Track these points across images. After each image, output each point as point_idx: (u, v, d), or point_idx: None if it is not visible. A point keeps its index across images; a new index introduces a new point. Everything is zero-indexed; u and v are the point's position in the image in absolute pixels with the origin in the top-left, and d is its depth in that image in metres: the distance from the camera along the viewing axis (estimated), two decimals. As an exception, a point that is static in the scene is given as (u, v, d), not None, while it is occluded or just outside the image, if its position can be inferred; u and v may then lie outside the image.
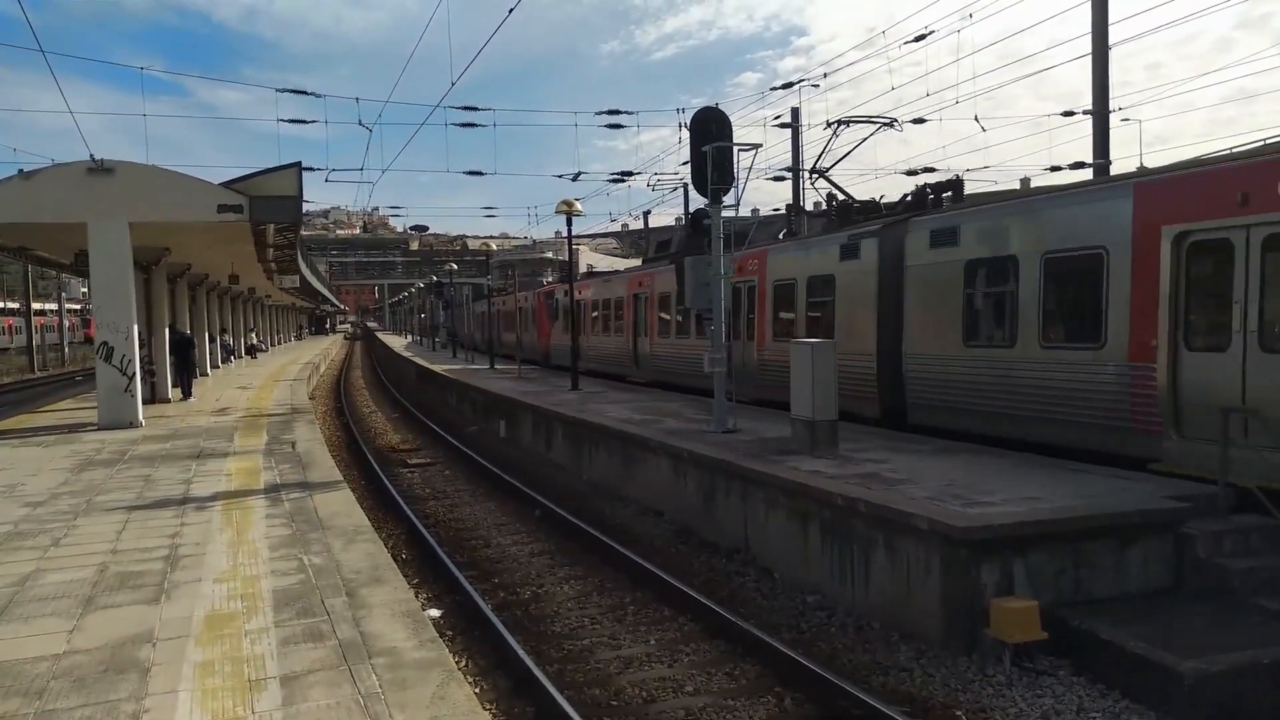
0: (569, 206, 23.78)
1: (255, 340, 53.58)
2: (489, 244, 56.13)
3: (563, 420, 19.12)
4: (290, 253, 31.11)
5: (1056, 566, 8.41)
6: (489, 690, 7.79)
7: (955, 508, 8.74)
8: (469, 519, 14.64)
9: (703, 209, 15.15)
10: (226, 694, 5.32)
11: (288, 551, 8.57)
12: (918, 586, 8.61)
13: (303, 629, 6.40)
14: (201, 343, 33.44)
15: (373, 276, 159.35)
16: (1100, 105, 20.67)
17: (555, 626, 9.45)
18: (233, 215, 18.57)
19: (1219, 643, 7.37)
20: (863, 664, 8.18)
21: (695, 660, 8.41)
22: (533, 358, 38.91)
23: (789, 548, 10.71)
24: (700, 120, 14.74)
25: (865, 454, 12.09)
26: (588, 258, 69.49)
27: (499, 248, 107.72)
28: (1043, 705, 7.20)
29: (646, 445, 14.72)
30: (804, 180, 32.56)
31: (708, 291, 14.82)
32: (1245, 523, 8.86)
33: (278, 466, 13.53)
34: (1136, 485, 9.69)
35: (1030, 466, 11.00)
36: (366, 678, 5.48)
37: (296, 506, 10.65)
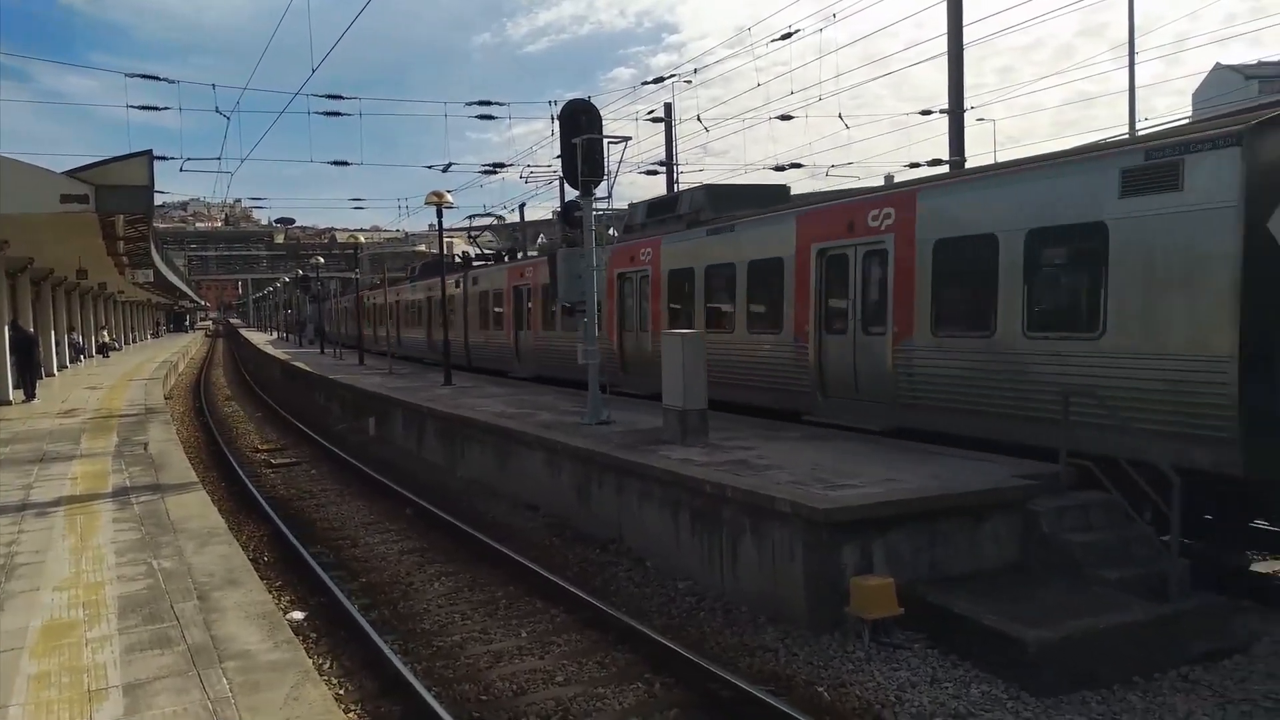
0: (439, 198, 23.40)
1: (108, 338, 50.79)
2: (358, 237, 54.60)
3: (435, 416, 18.81)
4: (143, 245, 29.54)
5: (913, 545, 8.76)
6: (354, 691, 7.60)
7: (818, 491, 8.99)
8: (336, 518, 14.25)
9: (574, 200, 15.13)
10: (63, 706, 5.04)
11: (136, 556, 8.17)
12: (783, 569, 8.82)
13: (150, 635, 6.10)
14: (47, 341, 31.49)
15: (235, 271, 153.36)
16: (956, 105, 21.55)
17: (425, 624, 9.29)
18: (77, 206, 17.48)
19: (1062, 612, 7.81)
20: (731, 646, 8.34)
21: (567, 651, 8.40)
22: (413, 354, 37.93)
23: (661, 536, 10.82)
24: (570, 113, 14.71)
25: (735, 442, 12.31)
26: (465, 250, 68.54)
27: (369, 241, 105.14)
28: (899, 678, 7.49)
29: (521, 439, 14.62)
30: (677, 173, 32.98)
31: (581, 284, 14.81)
32: (1086, 499, 9.40)
33: (128, 469, 12.87)
34: (987, 466, 10.18)
35: (892, 451, 11.41)
36: (217, 682, 5.27)
37: (147, 510, 10.15)
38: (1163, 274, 9.37)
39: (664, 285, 18.28)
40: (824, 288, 13.91)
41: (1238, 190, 8.68)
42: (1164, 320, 9.36)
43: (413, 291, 39.31)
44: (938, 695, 7.19)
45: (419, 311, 37.64)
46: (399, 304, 41.29)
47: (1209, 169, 8.93)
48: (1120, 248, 9.72)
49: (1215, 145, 8.92)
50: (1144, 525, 9.00)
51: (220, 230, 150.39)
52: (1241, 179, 8.65)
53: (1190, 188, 9.07)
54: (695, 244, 17.32)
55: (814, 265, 13.97)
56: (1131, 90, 24.54)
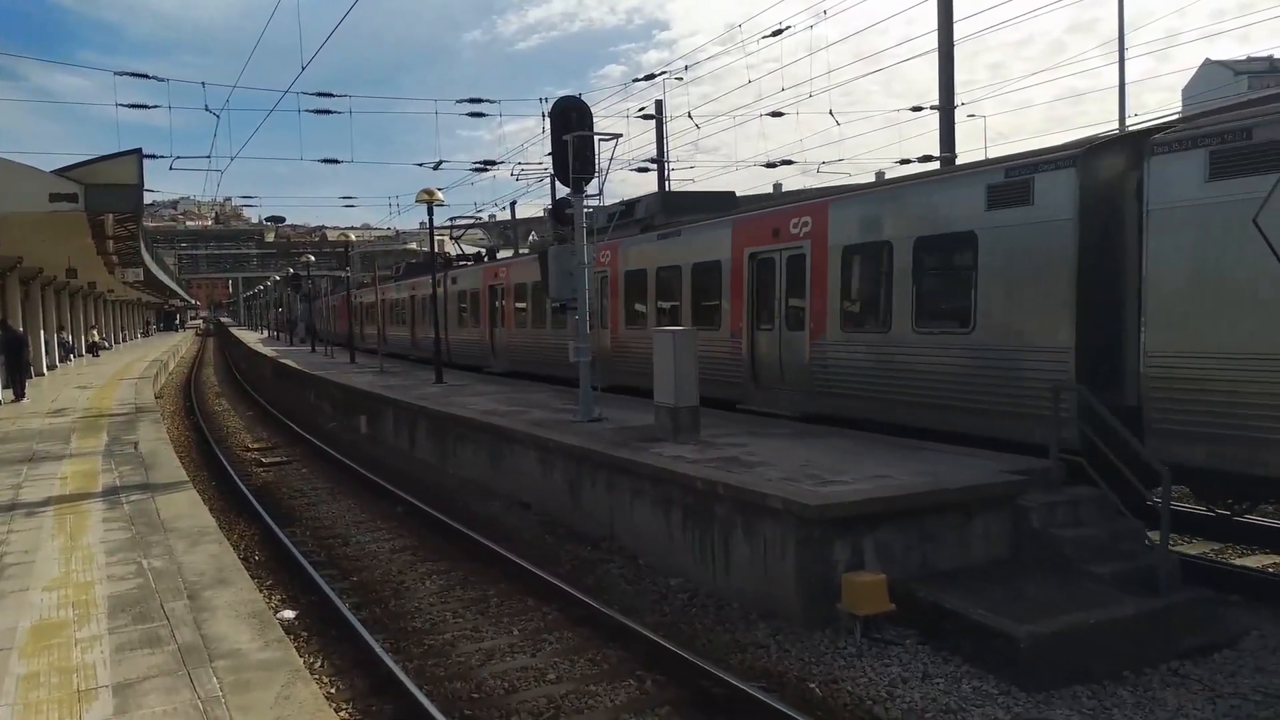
0: (430, 196, 23.33)
1: (97, 338, 50.60)
2: (348, 235, 54.44)
3: (427, 414, 18.77)
4: (133, 244, 29.46)
5: (904, 541, 8.77)
6: (346, 690, 7.58)
7: (809, 488, 9.00)
8: (328, 517, 14.21)
9: (565, 198, 15.11)
10: (52, 706, 5.02)
11: (126, 556, 8.14)
12: (774, 565, 8.83)
13: (139, 635, 6.08)
14: (36, 341, 31.36)
15: (226, 269, 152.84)
16: (946, 101, 21.61)
17: (416, 622, 9.27)
18: (66, 205, 17.42)
19: (1052, 607, 7.83)
20: (722, 643, 8.34)
21: (559, 649, 8.40)
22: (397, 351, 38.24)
23: (653, 533, 10.82)
24: (561, 110, 14.66)
25: (726, 439, 12.31)
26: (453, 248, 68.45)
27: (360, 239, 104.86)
28: (890, 673, 7.50)
29: (512, 437, 14.60)
30: (668, 171, 32.97)
31: (572, 281, 14.79)
32: (1076, 494, 9.44)
33: (118, 468, 12.83)
34: (977, 462, 10.20)
35: (881, 447, 11.43)
36: (207, 681, 5.26)
37: (137, 509, 10.12)
38: (1019, 276, 10.73)
39: (621, 285, 19.53)
40: (755, 288, 15.34)
41: (1074, 205, 10.12)
42: (1020, 316, 10.72)
43: (397, 291, 40.35)
44: (929, 691, 7.20)
45: (404, 310, 38.67)
46: (384, 303, 41.86)
47: (1052, 186, 10.38)
48: (987, 253, 11.12)
49: (1057, 166, 10.36)
50: (1133, 520, 9.04)
51: (210, 229, 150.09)
52: (1076, 195, 10.10)
53: (1039, 202, 10.51)
54: (647, 247, 18.47)
55: (746, 268, 15.41)
56: (1121, 86, 24.64)
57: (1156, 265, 9.52)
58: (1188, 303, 9.30)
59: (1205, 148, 9.17)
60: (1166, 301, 9.45)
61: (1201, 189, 9.11)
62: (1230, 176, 8.90)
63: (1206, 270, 9.12)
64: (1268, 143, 8.59)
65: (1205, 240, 9.13)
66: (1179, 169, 9.33)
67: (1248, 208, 8.68)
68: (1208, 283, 9.11)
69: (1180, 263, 9.35)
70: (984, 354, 11.08)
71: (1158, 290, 9.51)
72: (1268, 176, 8.59)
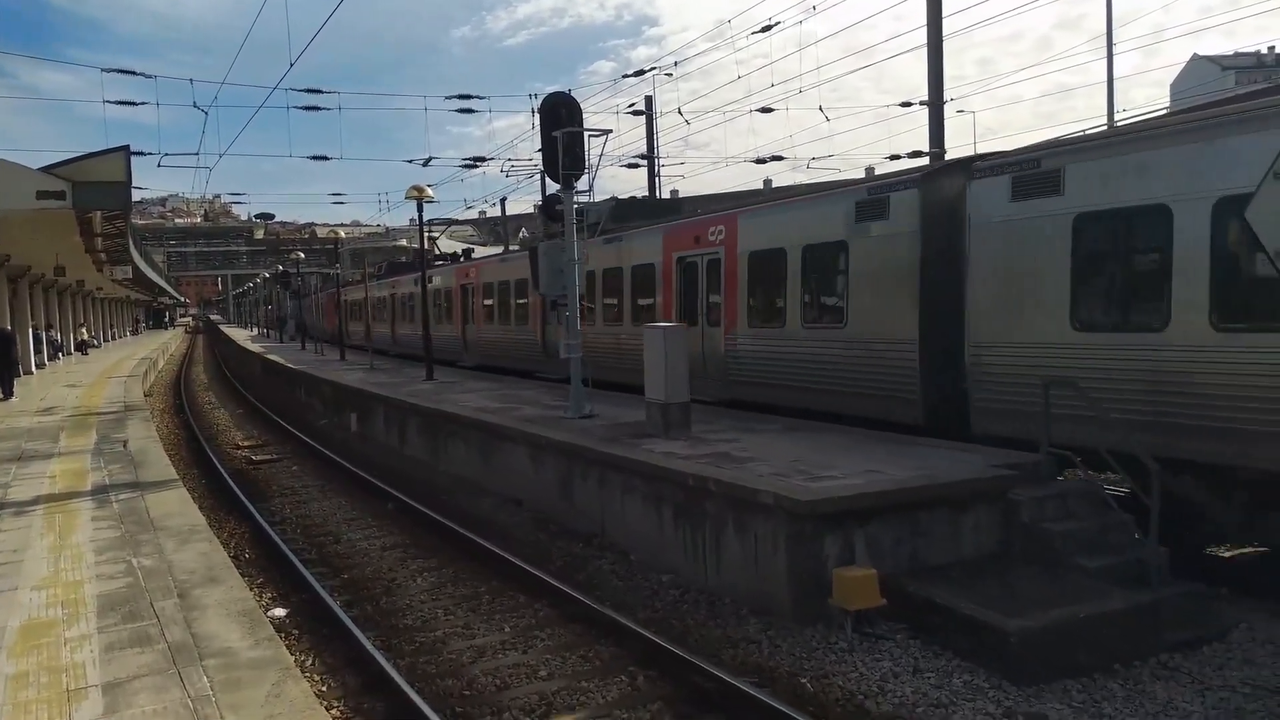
0: (420, 192, 23.28)
1: (86, 336, 50.35)
2: (338, 232, 54.23)
3: (418, 411, 18.74)
4: (121, 242, 29.34)
5: (894, 536, 8.80)
6: (337, 688, 7.57)
7: (799, 483, 9.01)
8: (318, 515, 14.18)
9: (555, 194, 15.09)
10: (41, 706, 4.99)
11: (116, 554, 8.11)
12: (766, 561, 8.85)
13: (129, 634, 6.06)
14: (24, 339, 31.20)
15: (215, 267, 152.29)
16: (935, 97, 21.61)
17: (408, 620, 9.26)
18: (54, 202, 17.34)
19: (1042, 601, 7.86)
20: (714, 639, 8.35)
21: (550, 645, 8.40)
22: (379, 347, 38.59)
23: (645, 529, 10.82)
24: (550, 106, 14.65)
25: (717, 434, 12.33)
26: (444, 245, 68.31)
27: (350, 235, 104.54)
28: (881, 668, 7.53)
29: (504, 434, 14.58)
30: (658, 167, 32.97)
31: (562, 278, 14.77)
32: (1065, 488, 9.49)
33: (107, 467, 12.78)
34: (966, 457, 10.23)
35: (872, 442, 11.46)
36: (197, 680, 5.24)
37: (127, 507, 10.08)
38: (879, 279, 12.50)
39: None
40: (682, 288, 17.03)
41: (918, 219, 11.96)
42: (880, 313, 12.48)
43: (379, 289, 42.04)
44: (920, 685, 7.22)
45: (385, 308, 40.42)
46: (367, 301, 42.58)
47: (902, 203, 12.22)
48: (855, 260, 12.95)
49: (906, 186, 12.33)
50: (1122, 514, 9.08)
51: (199, 226, 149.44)
52: (919, 211, 11.95)
53: (893, 217, 12.33)
54: (596, 251, 19.43)
55: (675, 271, 17.13)
56: (1110, 82, 24.72)
57: (975, 270, 11.23)
58: (998, 301, 10.99)
59: (1009, 174, 10.86)
60: (983, 300, 11.15)
61: (1006, 208, 10.87)
62: (1027, 197, 10.64)
63: (1010, 274, 10.82)
64: (1052, 170, 10.38)
65: (1009, 250, 10.84)
66: (991, 191, 11.06)
67: (1039, 222, 10.48)
68: (1011, 285, 10.82)
69: (992, 268, 11.05)
70: (855, 346, 12.86)
71: (976, 291, 11.21)
72: (1053, 198, 10.33)
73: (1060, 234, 10.27)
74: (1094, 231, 10.11)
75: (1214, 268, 8.92)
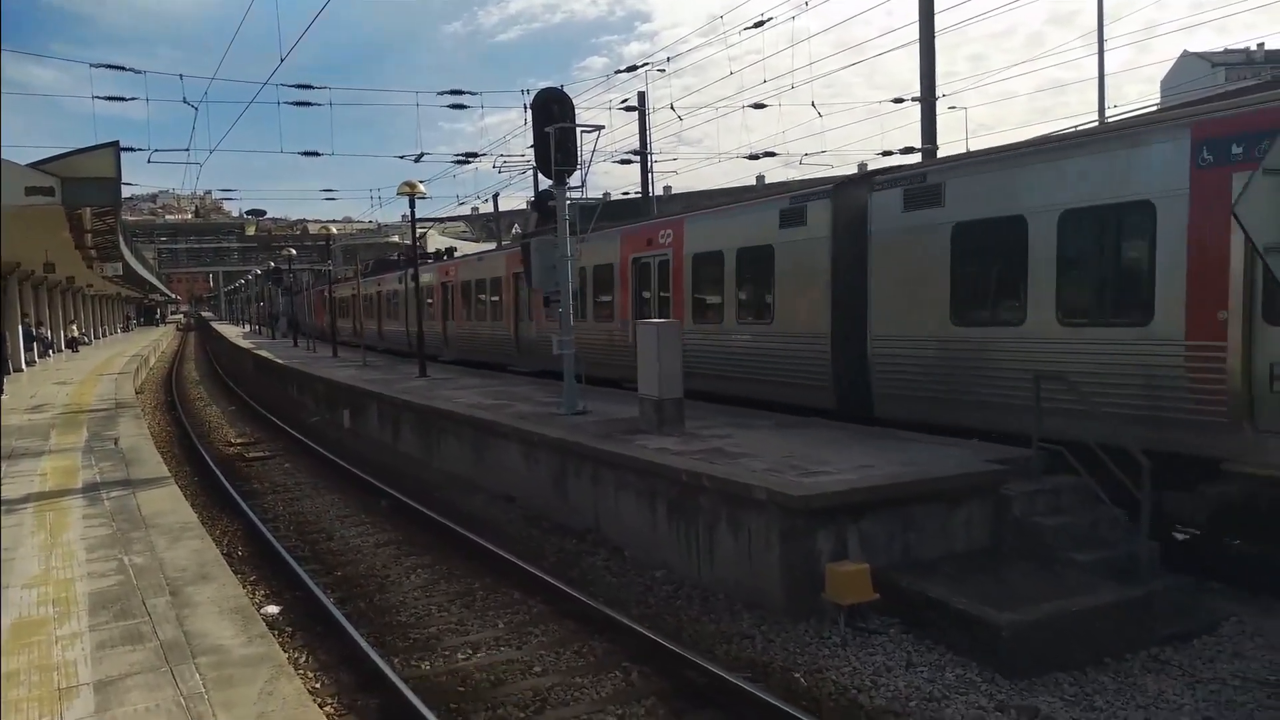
0: (411, 188, 23.22)
1: (77, 333, 50.12)
2: (329, 228, 54.03)
3: (411, 408, 18.71)
4: (111, 238, 29.19)
5: (887, 531, 8.82)
6: (330, 685, 7.56)
7: (793, 479, 9.02)
8: (311, 512, 14.15)
9: (547, 190, 15.06)
10: (32, 705, 4.98)
11: (107, 552, 8.09)
12: (759, 556, 8.86)
13: (121, 631, 6.05)
14: (14, 336, 31.05)
15: (206, 263, 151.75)
16: (928, 93, 21.62)
17: (401, 616, 9.26)
18: (43, 198, 17.22)
19: (1034, 595, 7.89)
20: (708, 634, 8.36)
21: (544, 641, 8.40)
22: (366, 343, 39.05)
23: (638, 525, 10.83)
24: (542, 101, 14.61)
25: (710, 430, 12.33)
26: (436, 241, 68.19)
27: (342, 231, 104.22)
28: (874, 662, 7.55)
29: (497, 430, 14.56)
30: (651, 163, 32.93)
31: (555, 274, 14.75)
32: (1057, 482, 9.50)
33: (98, 464, 12.74)
34: (958, 451, 10.26)
35: (864, 437, 11.48)
36: (189, 677, 5.23)
37: (118, 505, 10.05)
38: (799, 279, 13.85)
39: None
40: (637, 287, 18.28)
41: (829, 226, 13.31)
42: (799, 311, 13.83)
43: (365, 287, 43.61)
44: (913, 679, 7.25)
45: (372, 305, 41.93)
46: (355, 298, 44.97)
47: (817, 212, 13.57)
48: (780, 262, 14.20)
49: (820, 197, 13.65)
50: (1113, 508, 9.11)
51: (190, 222, 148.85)
52: (830, 219, 13.29)
53: (810, 224, 13.65)
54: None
55: (630, 270, 18.35)
56: (1101, 78, 24.72)
57: (875, 272, 12.57)
58: (893, 300, 12.33)
59: (902, 187, 12.17)
60: (881, 299, 12.50)
61: (900, 217, 12.17)
62: (916, 208, 11.93)
63: (902, 276, 12.17)
64: (935, 185, 11.67)
65: (901, 254, 12.18)
66: (888, 202, 12.36)
67: (924, 230, 11.77)
68: (903, 285, 12.15)
69: (888, 270, 12.41)
70: (780, 340, 14.18)
71: (876, 291, 12.56)
72: (936, 209, 11.63)
73: (941, 241, 11.56)
74: (968, 239, 11.34)
75: (1059, 271, 10.24)
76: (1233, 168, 8.53)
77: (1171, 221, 9.13)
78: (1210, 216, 8.75)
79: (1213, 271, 8.80)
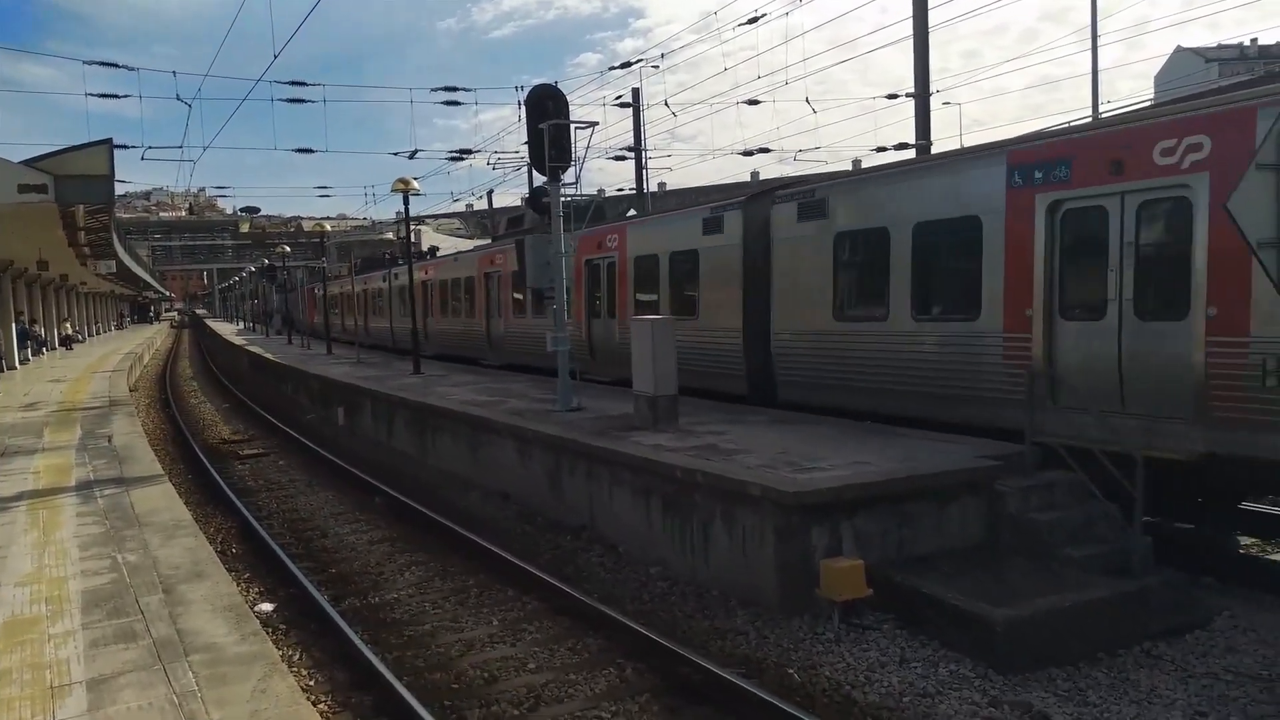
0: (405, 185, 23.16)
1: (70, 331, 49.98)
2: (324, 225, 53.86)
3: (406, 405, 18.68)
4: (105, 236, 29.07)
5: (881, 527, 8.83)
6: (324, 683, 7.55)
7: (787, 475, 9.03)
8: (305, 509, 14.13)
9: (541, 186, 15.04)
10: (24, 703, 4.96)
11: (100, 550, 8.07)
12: (753, 552, 8.86)
13: (114, 630, 6.03)
14: (7, 334, 30.96)
15: (200, 261, 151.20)
16: (922, 89, 21.61)
17: (396, 613, 9.25)
18: (36, 196, 17.15)
19: (1028, 591, 7.91)
20: (702, 631, 8.37)
21: (539, 638, 8.40)
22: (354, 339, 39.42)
23: (633, 522, 10.83)
24: (536, 98, 14.58)
25: (705, 427, 12.33)
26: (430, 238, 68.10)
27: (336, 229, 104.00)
28: (868, 658, 7.56)
29: (491, 427, 14.55)
30: (646, 159, 32.89)
31: (549, 271, 14.73)
32: (1050, 478, 9.51)
33: (92, 462, 12.70)
34: (952, 447, 10.27)
35: (858, 433, 11.48)
36: (182, 676, 5.22)
37: (111, 503, 10.02)
38: (718, 281, 15.48)
39: (510, 282, 23.83)
40: (590, 287, 19.72)
41: (741, 234, 14.91)
42: (718, 308, 15.38)
43: (352, 285, 44.95)
44: (907, 675, 7.26)
45: (358, 303, 43.31)
46: (342, 296, 46.15)
47: (731, 221, 15.20)
48: (703, 265, 15.92)
49: (733, 208, 15.25)
50: (1107, 503, 9.12)
51: (184, 220, 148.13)
52: (742, 228, 14.92)
53: (726, 232, 15.30)
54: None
55: (584, 271, 19.57)
56: (1094, 74, 24.76)
57: (776, 274, 14.17)
58: (790, 298, 13.93)
59: (797, 200, 13.79)
60: (781, 299, 14.09)
61: (794, 226, 13.80)
62: (807, 219, 13.57)
63: (796, 278, 13.78)
64: (821, 199, 13.35)
65: (795, 259, 13.80)
66: (786, 213, 13.98)
67: (813, 238, 13.41)
68: (797, 286, 13.75)
69: (786, 273, 14.01)
70: (703, 334, 15.73)
71: (777, 291, 14.15)
72: (822, 220, 13.28)
73: (826, 248, 13.23)
74: (846, 246, 13.07)
75: (913, 274, 11.89)
76: (1035, 189, 10.25)
77: (993, 233, 10.74)
78: (1020, 228, 10.41)
79: (1023, 275, 10.40)
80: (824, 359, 13.35)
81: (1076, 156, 9.86)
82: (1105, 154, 9.59)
